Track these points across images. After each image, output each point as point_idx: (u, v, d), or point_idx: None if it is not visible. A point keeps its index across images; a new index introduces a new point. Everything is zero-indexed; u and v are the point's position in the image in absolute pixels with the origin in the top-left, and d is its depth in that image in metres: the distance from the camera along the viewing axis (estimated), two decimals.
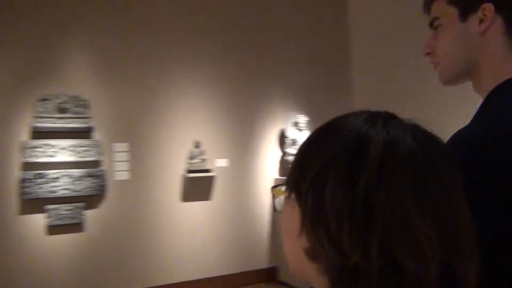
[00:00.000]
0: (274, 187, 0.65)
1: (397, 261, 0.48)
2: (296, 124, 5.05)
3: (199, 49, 4.79)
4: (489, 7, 0.86)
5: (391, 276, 0.48)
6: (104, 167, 4.29)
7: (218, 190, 4.83)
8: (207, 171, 4.64)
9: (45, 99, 4.08)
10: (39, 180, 4.04)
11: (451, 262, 0.50)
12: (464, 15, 0.89)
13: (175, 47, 4.67)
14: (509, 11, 0.87)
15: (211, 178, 4.77)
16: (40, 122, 4.04)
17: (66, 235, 4.17)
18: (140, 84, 4.50)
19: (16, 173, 3.98)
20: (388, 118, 0.55)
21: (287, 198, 0.59)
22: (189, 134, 4.66)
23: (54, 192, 4.07)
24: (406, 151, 0.51)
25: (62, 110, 4.14)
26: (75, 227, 4.19)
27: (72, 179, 4.14)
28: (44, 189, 4.04)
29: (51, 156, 4.06)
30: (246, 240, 4.94)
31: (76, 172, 4.16)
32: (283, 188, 0.61)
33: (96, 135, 4.30)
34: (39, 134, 4.06)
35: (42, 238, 4.08)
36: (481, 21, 0.88)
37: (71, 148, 4.14)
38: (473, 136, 0.79)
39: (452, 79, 0.96)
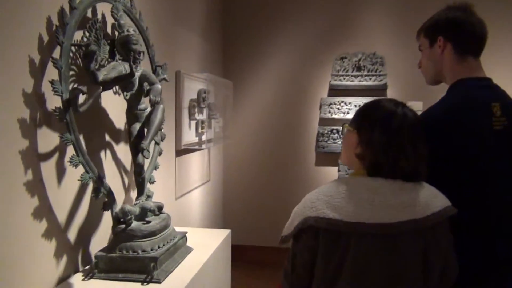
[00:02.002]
0: (344, 124, 1.39)
1: (397, 162, 1.18)
2: None
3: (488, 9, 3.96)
4: (441, 38, 1.49)
5: (392, 167, 1.18)
6: None
7: None
8: None
9: (343, 58, 4.23)
10: (334, 135, 4.28)
11: (418, 166, 1.20)
12: (431, 43, 1.53)
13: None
14: (453, 39, 1.47)
15: None
16: (338, 80, 4.23)
17: None
18: None
19: (315, 127, 4.34)
20: (403, 105, 1.25)
21: (352, 130, 1.28)
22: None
23: None
24: (409, 120, 1.20)
25: (358, 68, 4.20)
26: None
27: None
28: (337, 144, 4.27)
29: (345, 113, 4.22)
30: None
31: None
32: (348, 125, 1.31)
33: (390, 93, 4.19)
34: (336, 91, 4.26)
35: None
36: (439, 46, 1.50)
37: None
38: (432, 117, 1.41)
39: (430, 82, 1.61)
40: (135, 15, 1.93)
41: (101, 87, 1.59)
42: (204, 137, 3.39)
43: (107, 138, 1.93)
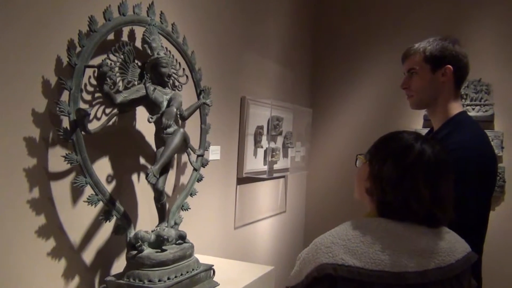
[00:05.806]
0: (359, 155, 1.29)
1: (408, 203, 1.07)
2: None
3: None
4: (449, 68, 1.59)
5: (401, 208, 1.08)
6: (504, 164, 3.55)
7: None
8: None
9: None
10: None
11: (434, 210, 1.08)
12: (433, 70, 1.61)
13: None
14: (458, 72, 1.60)
15: None
16: None
17: None
18: None
19: None
20: (425, 139, 1.14)
21: (364, 162, 1.22)
22: None
23: None
24: (427, 157, 1.09)
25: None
26: None
27: None
28: None
29: None
30: None
31: None
32: (362, 156, 1.25)
33: (499, 125, 3.62)
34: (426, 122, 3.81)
35: None
36: (443, 74, 1.60)
37: None
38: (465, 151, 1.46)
39: (417, 106, 1.72)
40: (176, 39, 1.93)
41: (116, 109, 1.59)
42: (275, 166, 3.26)
43: (142, 161, 1.92)
